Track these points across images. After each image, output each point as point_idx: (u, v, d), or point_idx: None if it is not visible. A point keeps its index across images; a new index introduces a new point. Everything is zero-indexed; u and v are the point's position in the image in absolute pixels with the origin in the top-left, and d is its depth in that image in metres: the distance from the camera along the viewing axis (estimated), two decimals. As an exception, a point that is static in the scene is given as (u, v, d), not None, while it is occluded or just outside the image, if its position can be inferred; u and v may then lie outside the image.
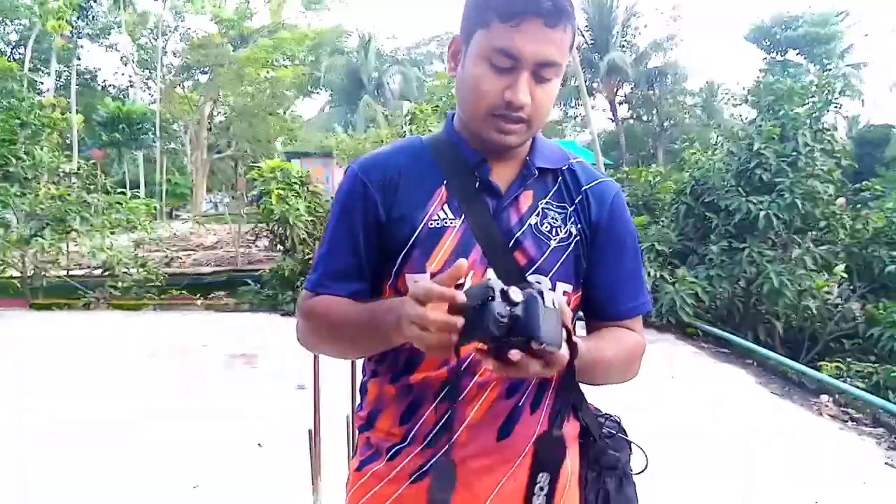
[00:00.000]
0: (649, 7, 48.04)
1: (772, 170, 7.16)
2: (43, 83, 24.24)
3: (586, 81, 21.98)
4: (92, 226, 8.80)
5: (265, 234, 9.36)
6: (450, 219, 1.06)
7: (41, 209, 8.60)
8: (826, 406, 4.84)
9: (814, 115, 7.53)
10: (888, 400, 4.87)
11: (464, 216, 1.06)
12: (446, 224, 1.06)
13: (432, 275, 1.03)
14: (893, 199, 8.05)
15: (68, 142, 17.99)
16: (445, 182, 1.08)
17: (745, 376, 5.68)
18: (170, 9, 25.03)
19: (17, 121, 9.06)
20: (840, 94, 7.98)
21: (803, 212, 7.13)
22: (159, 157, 23.40)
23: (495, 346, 0.83)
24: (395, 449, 1.09)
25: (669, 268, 7.42)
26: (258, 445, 3.78)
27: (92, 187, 9.66)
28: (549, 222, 1.09)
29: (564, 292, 1.09)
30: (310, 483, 2.78)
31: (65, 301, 8.44)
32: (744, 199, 7.13)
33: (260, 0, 26.86)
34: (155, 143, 22.01)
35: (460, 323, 0.83)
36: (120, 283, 8.75)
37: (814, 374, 5.46)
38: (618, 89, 28.43)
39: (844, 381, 5.31)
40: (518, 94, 0.99)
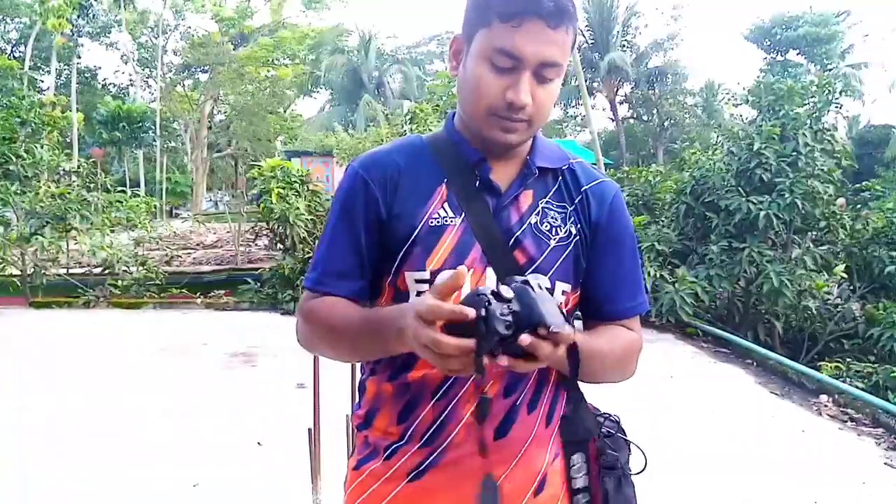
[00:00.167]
0: (649, 7, 48.20)
1: (772, 170, 7.15)
2: (43, 81, 24.24)
3: (586, 81, 21.94)
4: (92, 224, 8.81)
5: (265, 232, 9.35)
6: (450, 217, 1.06)
7: (41, 207, 8.62)
8: (825, 406, 4.85)
9: (814, 116, 7.53)
10: (888, 400, 4.87)
11: (464, 215, 1.06)
12: (446, 222, 1.06)
13: (432, 273, 1.03)
14: (893, 199, 8.07)
15: (68, 140, 17.96)
16: (446, 180, 1.08)
17: (744, 376, 5.68)
18: (170, 7, 24.98)
19: (18, 119, 9.08)
20: (840, 94, 7.97)
21: (803, 212, 7.14)
22: (159, 156, 23.36)
23: (507, 343, 0.84)
24: (393, 448, 1.09)
25: (669, 267, 7.41)
26: (258, 444, 3.79)
27: (92, 186, 9.69)
28: (548, 222, 1.09)
29: (563, 291, 1.09)
30: (309, 482, 2.79)
31: (65, 299, 8.45)
32: (744, 199, 7.13)
33: (260, -1, 26.86)
34: (155, 141, 21.97)
35: (472, 344, 0.83)
36: (120, 282, 8.76)
37: (813, 374, 5.46)
38: (618, 89, 28.44)
39: (844, 382, 5.32)
40: (519, 94, 0.99)
